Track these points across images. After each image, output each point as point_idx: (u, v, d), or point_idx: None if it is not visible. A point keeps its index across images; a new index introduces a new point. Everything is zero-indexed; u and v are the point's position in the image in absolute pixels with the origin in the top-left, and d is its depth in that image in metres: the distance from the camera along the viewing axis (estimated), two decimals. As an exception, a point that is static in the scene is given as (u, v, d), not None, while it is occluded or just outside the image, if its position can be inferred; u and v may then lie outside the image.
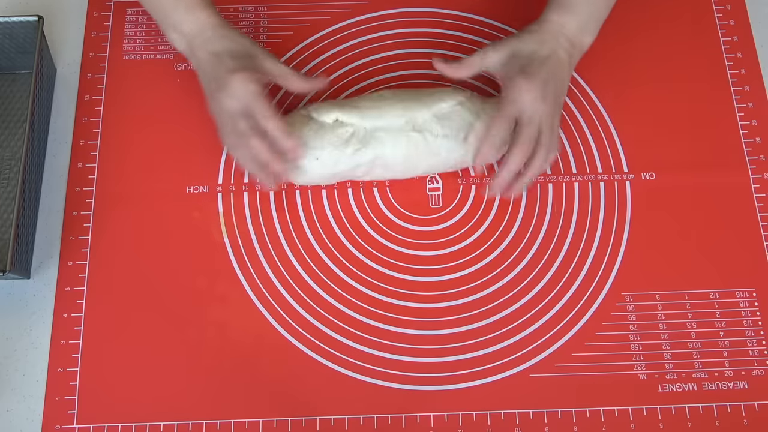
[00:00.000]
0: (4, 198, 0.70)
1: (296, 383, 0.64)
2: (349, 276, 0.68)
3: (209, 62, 0.64)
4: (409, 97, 0.67)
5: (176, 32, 0.66)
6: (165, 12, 0.66)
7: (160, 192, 0.70)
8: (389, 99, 0.67)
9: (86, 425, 0.63)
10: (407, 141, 0.65)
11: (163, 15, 0.66)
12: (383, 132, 0.65)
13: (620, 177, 0.71)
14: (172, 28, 0.66)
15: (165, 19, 0.66)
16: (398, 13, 0.77)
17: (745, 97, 0.74)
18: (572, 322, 0.66)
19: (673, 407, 0.64)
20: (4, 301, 0.67)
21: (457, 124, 0.66)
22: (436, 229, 0.69)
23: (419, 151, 0.66)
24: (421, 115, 0.65)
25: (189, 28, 0.65)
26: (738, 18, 0.77)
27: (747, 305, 0.67)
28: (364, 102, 0.67)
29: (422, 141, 0.65)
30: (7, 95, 0.73)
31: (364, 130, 0.65)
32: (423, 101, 0.66)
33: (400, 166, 0.67)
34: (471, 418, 0.63)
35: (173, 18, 0.65)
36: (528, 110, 0.62)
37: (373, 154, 0.66)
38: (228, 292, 0.67)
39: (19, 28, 0.70)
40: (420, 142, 0.65)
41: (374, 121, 0.65)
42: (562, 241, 0.69)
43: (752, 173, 0.71)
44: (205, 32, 0.65)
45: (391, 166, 0.67)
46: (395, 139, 0.65)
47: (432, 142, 0.66)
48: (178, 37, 0.66)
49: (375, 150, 0.65)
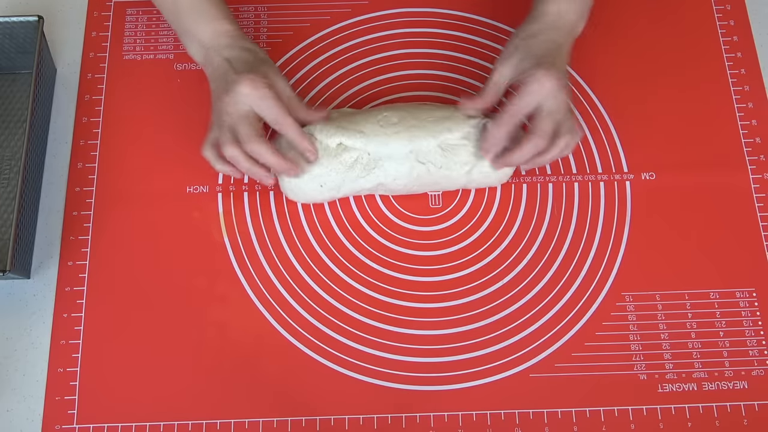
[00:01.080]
0: (4, 198, 0.70)
1: (296, 383, 0.64)
2: (349, 276, 0.68)
3: (221, 66, 0.64)
4: (416, 123, 0.65)
5: (196, 43, 0.65)
6: (187, 24, 0.66)
7: (160, 192, 0.70)
8: (395, 125, 0.65)
9: (86, 425, 0.63)
10: (410, 170, 0.65)
11: (185, 27, 0.66)
12: (387, 160, 0.65)
13: (620, 177, 0.71)
14: (192, 39, 0.66)
15: (186, 31, 0.66)
16: (398, 13, 0.77)
17: (745, 97, 0.74)
18: (572, 322, 0.66)
19: (673, 407, 0.64)
20: (4, 301, 0.67)
21: (462, 158, 0.65)
22: (436, 229, 0.69)
23: (421, 181, 0.66)
24: (426, 144, 0.65)
25: (208, 38, 0.65)
26: (738, 18, 0.77)
27: (747, 305, 0.67)
28: (368, 125, 0.65)
29: (425, 172, 0.65)
30: (7, 95, 0.73)
31: (368, 156, 0.65)
32: (429, 130, 0.65)
33: (402, 190, 0.68)
34: (471, 418, 0.63)
35: (194, 30, 0.65)
36: (549, 100, 0.61)
37: (376, 181, 0.66)
38: (228, 292, 0.67)
39: (19, 28, 0.70)
40: (423, 173, 0.65)
41: (378, 147, 0.64)
42: (562, 241, 0.69)
43: (752, 173, 0.71)
44: (222, 40, 0.64)
45: (392, 190, 0.67)
46: (398, 167, 0.65)
47: (435, 173, 0.66)
48: (197, 49, 0.66)
49: (378, 177, 0.66)
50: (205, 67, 0.66)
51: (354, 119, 0.66)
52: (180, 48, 0.75)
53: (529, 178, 0.71)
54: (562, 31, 0.64)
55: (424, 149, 0.65)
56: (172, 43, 0.76)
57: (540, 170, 0.71)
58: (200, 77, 0.74)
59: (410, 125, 0.65)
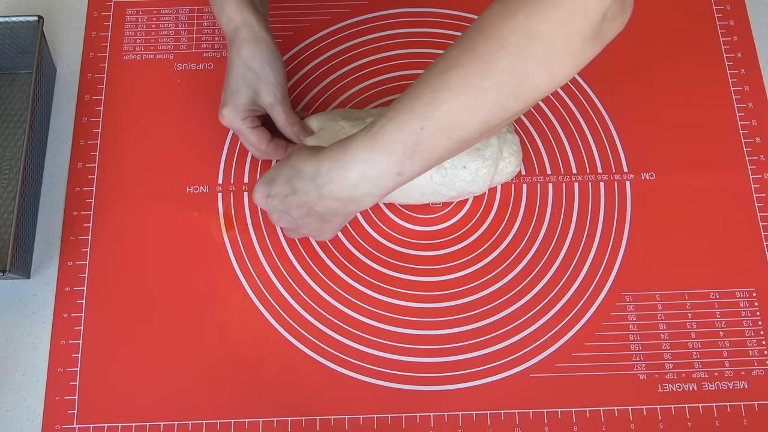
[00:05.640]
0: (4, 198, 0.70)
1: (296, 383, 0.64)
2: (349, 276, 0.68)
3: (228, 66, 0.65)
4: None
5: (226, 20, 0.65)
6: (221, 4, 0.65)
7: (160, 192, 0.70)
8: None
9: (86, 425, 0.63)
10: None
11: (219, 5, 0.65)
12: None
13: (620, 177, 0.71)
14: (224, 16, 0.65)
15: (219, 9, 0.65)
16: (398, 13, 0.77)
17: (745, 97, 0.74)
18: (572, 322, 0.66)
19: (673, 407, 0.64)
20: (4, 301, 0.67)
21: (459, 185, 0.65)
22: (436, 229, 0.69)
23: (415, 197, 0.66)
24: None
25: (233, 26, 0.64)
26: (738, 18, 0.77)
27: (747, 305, 0.67)
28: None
29: (418, 185, 0.65)
30: (7, 95, 0.73)
31: None
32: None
33: (399, 199, 0.68)
34: (471, 418, 0.63)
35: (225, 10, 0.64)
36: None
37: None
38: (228, 292, 0.67)
39: (19, 28, 0.70)
40: (416, 184, 0.64)
41: None
42: (562, 241, 0.69)
43: (752, 173, 0.71)
44: (241, 33, 0.64)
45: (395, 198, 0.68)
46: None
47: (426, 185, 0.65)
48: (227, 23, 0.65)
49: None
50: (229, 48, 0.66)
51: (354, 119, 0.66)
52: (180, 48, 0.76)
53: (529, 178, 0.71)
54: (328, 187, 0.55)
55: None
56: (172, 43, 0.76)
57: (540, 170, 0.71)
58: (200, 77, 0.75)
59: None
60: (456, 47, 0.50)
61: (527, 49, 0.47)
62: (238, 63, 0.64)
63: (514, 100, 0.49)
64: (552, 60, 0.48)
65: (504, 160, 0.66)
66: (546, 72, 0.48)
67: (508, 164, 0.66)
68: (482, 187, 0.66)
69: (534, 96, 0.50)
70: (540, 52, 0.47)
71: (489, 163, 0.65)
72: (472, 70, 0.48)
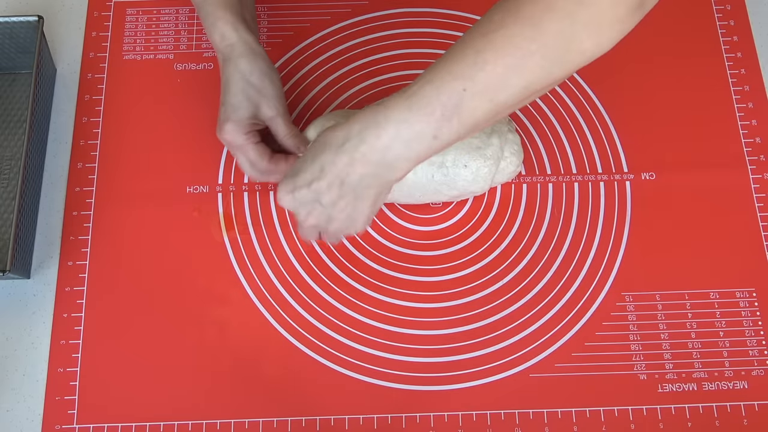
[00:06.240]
0: (4, 198, 0.70)
1: (296, 383, 0.64)
2: (349, 276, 0.68)
3: (225, 82, 0.63)
4: None
5: (219, 37, 0.64)
6: (211, 19, 0.64)
7: (160, 192, 0.70)
8: None
9: (86, 425, 0.63)
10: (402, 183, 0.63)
11: (211, 22, 0.64)
12: None
13: (620, 177, 0.71)
14: (217, 33, 0.64)
15: (211, 26, 0.64)
16: (398, 13, 0.77)
17: (745, 97, 0.74)
18: (572, 322, 0.66)
19: (673, 407, 0.64)
20: (4, 301, 0.67)
21: (460, 184, 0.65)
22: (436, 229, 0.69)
23: (416, 196, 0.66)
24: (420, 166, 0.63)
25: (227, 42, 0.63)
26: (738, 18, 0.77)
27: (747, 305, 0.67)
28: None
29: (420, 185, 0.65)
30: (7, 95, 0.73)
31: None
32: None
33: (400, 199, 0.68)
34: (471, 418, 0.63)
35: (218, 27, 0.63)
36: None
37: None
38: (228, 292, 0.67)
39: (19, 28, 0.70)
40: (417, 183, 0.65)
41: None
42: (562, 241, 0.69)
43: (752, 173, 0.71)
44: (236, 48, 0.63)
45: (396, 198, 0.68)
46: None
47: (428, 184, 0.65)
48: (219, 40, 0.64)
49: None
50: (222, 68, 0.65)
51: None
52: (180, 48, 0.76)
53: (529, 178, 0.71)
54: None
55: (419, 169, 0.64)
56: (172, 43, 0.76)
57: (540, 170, 0.71)
58: (200, 77, 0.75)
59: None
60: (498, 10, 0.49)
61: (577, 14, 0.47)
62: (236, 78, 0.62)
63: (559, 65, 0.49)
64: (600, 26, 0.48)
65: (505, 159, 0.66)
66: (594, 38, 0.49)
67: (509, 164, 0.66)
68: (483, 186, 0.66)
69: (578, 62, 0.50)
70: (589, 18, 0.48)
71: (490, 162, 0.65)
72: (517, 32, 0.48)
